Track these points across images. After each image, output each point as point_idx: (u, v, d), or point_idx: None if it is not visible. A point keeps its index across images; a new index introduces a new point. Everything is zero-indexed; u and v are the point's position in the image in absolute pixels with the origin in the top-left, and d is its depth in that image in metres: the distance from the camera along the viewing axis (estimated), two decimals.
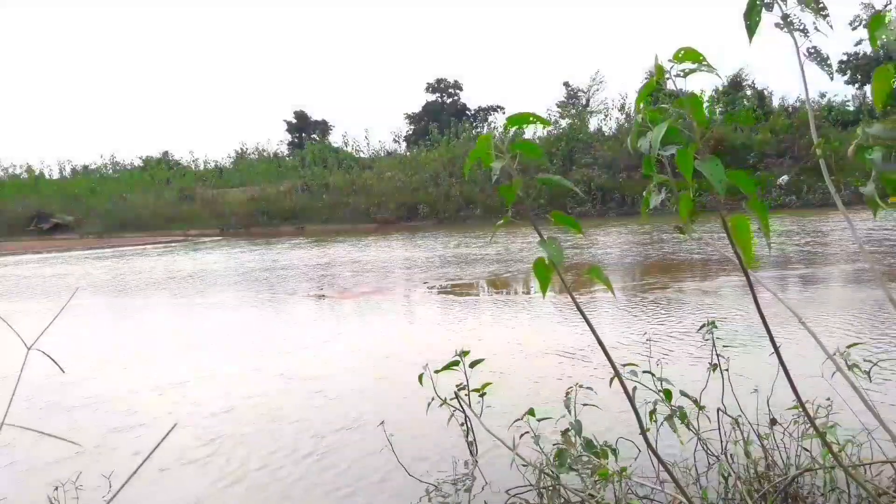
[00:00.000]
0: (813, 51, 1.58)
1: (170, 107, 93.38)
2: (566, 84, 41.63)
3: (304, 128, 52.03)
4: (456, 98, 50.94)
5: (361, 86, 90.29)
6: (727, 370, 2.76)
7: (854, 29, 34.41)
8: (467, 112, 49.28)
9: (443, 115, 45.16)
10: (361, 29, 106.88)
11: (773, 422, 2.59)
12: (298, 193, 32.76)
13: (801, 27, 1.52)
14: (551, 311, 7.36)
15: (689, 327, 5.94)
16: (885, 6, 1.33)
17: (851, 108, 31.81)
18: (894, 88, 1.24)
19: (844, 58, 37.19)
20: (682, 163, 1.31)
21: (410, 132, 47.66)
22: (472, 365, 2.80)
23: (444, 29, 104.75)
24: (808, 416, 1.59)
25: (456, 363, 2.77)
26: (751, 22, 1.45)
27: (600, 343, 1.53)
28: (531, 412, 2.58)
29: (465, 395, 2.89)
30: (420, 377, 2.81)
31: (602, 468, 2.30)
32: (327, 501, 2.91)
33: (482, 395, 2.81)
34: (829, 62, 1.60)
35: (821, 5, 1.45)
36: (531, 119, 1.46)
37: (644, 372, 2.45)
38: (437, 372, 2.76)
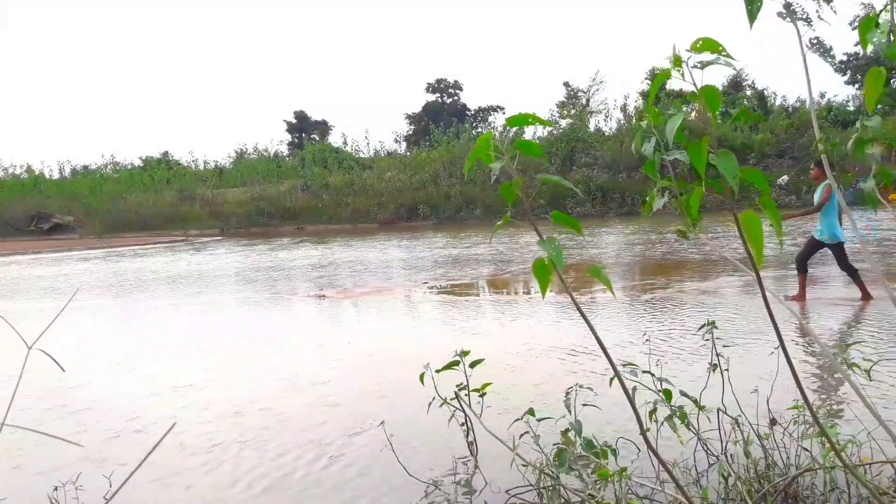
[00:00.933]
0: (816, 42, 1.55)
1: (170, 107, 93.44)
2: (566, 84, 41.61)
3: (303, 128, 52.04)
4: (456, 98, 50.94)
5: (361, 86, 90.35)
6: (727, 370, 2.76)
7: (854, 29, 34.39)
8: (467, 112, 49.27)
9: (443, 115, 45.14)
10: (361, 29, 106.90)
11: (773, 422, 2.58)
12: (298, 193, 32.75)
13: (805, 16, 1.49)
14: (552, 310, 7.36)
15: (689, 327, 5.94)
16: (885, 6, 1.31)
17: (851, 108, 31.79)
18: (886, 90, 1.23)
19: (844, 58, 37.18)
20: (695, 156, 1.28)
21: (410, 132, 47.65)
22: (472, 365, 2.79)
23: (444, 29, 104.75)
24: (812, 413, 1.59)
25: (456, 363, 2.77)
26: (751, 7, 1.37)
27: (600, 343, 1.53)
28: (531, 412, 2.58)
29: (465, 395, 2.88)
30: (421, 377, 2.81)
31: (602, 468, 2.29)
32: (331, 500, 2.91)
33: (482, 396, 2.81)
34: (832, 53, 1.57)
35: None
36: (531, 120, 1.46)
37: (644, 372, 2.44)
38: (437, 371, 2.75)
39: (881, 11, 1.25)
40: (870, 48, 1.23)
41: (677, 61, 1.28)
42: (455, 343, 5.24)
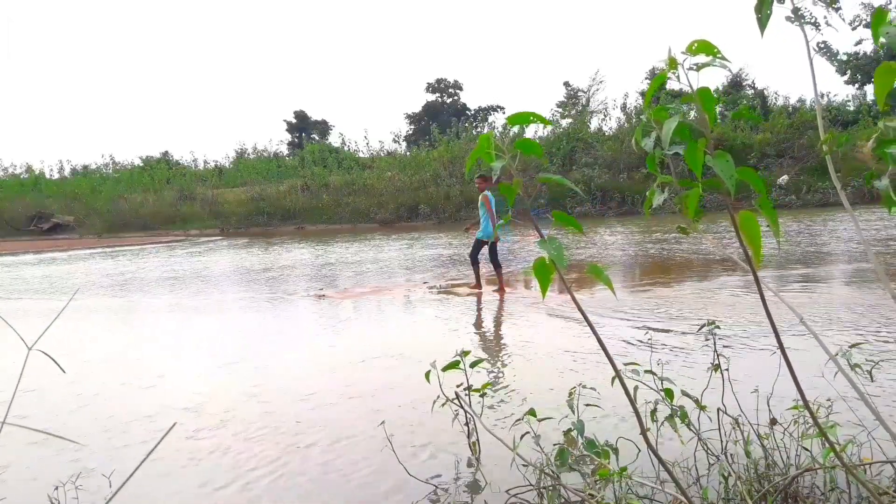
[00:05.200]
0: (823, 46, 1.55)
1: (170, 107, 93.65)
2: (566, 84, 41.64)
3: (303, 128, 52.10)
4: (456, 98, 50.98)
5: (361, 86, 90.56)
6: (727, 370, 2.76)
7: (854, 29, 34.35)
8: (467, 112, 49.30)
9: (443, 115, 45.18)
10: (361, 29, 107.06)
11: (773, 422, 2.58)
12: (298, 193, 32.77)
13: (813, 20, 1.48)
14: (553, 310, 7.35)
15: (690, 327, 5.93)
16: (887, 3, 1.30)
17: (851, 108, 31.79)
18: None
19: (844, 58, 37.19)
20: (691, 158, 1.28)
21: (410, 132, 47.68)
22: (473, 365, 2.79)
23: (444, 29, 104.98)
24: (811, 414, 1.58)
25: (457, 363, 2.76)
26: (762, 15, 1.39)
27: (600, 342, 1.52)
28: (532, 412, 2.57)
29: (466, 395, 2.88)
30: (427, 375, 2.80)
31: (602, 468, 2.29)
32: (332, 500, 2.91)
33: (482, 396, 2.81)
34: (838, 57, 1.57)
35: None
36: (532, 118, 1.45)
37: (645, 371, 2.44)
38: (444, 370, 2.75)
39: (888, 4, 1.24)
40: (881, 41, 1.23)
41: (672, 64, 1.29)
42: (455, 343, 5.25)
